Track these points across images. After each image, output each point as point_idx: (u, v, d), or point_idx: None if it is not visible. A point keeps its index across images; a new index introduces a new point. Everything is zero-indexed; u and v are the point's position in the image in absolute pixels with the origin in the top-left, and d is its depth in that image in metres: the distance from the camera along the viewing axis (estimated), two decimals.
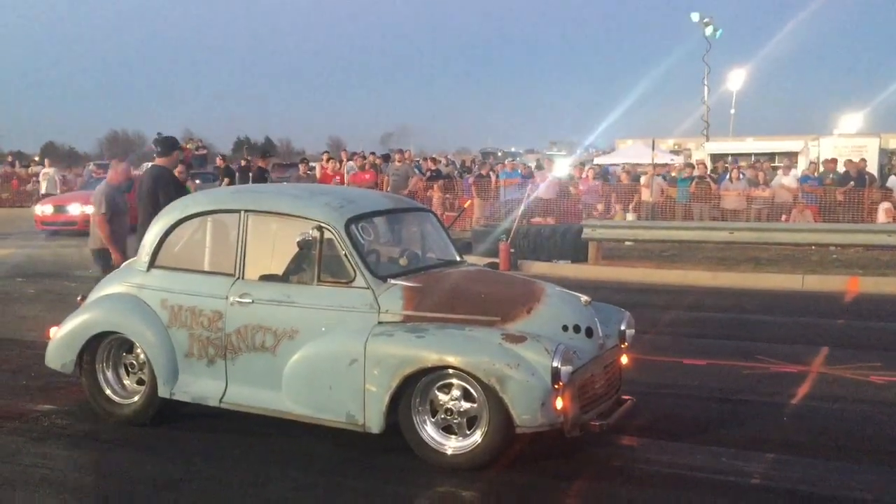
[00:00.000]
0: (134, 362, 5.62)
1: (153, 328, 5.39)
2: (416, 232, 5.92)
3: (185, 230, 5.61)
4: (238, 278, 5.25)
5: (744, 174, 18.00)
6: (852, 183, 16.58)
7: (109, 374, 5.66)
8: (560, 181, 19.43)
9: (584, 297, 5.06)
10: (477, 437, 4.65)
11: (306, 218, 5.15)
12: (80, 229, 19.61)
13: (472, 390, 4.65)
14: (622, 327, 5.28)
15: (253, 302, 5.13)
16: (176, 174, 8.63)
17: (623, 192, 18.68)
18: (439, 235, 5.96)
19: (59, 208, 20.01)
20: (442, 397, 4.73)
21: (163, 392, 5.37)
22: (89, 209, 20.46)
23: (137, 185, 8.13)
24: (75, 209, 20.07)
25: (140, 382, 5.60)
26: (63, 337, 5.71)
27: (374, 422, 4.76)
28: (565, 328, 4.85)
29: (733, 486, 4.53)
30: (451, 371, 4.65)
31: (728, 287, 11.80)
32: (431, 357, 4.64)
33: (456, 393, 4.69)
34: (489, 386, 4.51)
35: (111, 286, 5.80)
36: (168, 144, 8.11)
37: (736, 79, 36.85)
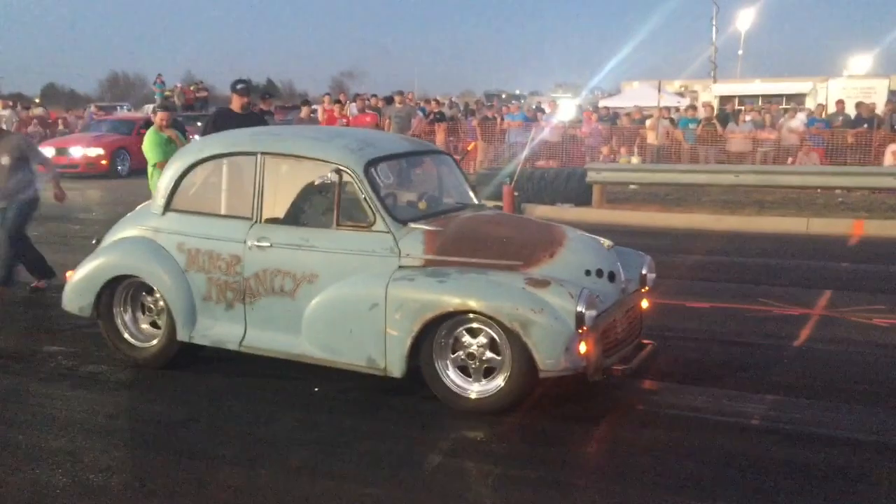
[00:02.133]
0: (151, 306, 5.59)
1: (170, 272, 5.33)
2: (434, 175, 5.81)
3: (200, 173, 5.52)
4: (255, 222, 5.18)
5: (747, 117, 17.81)
6: (866, 125, 16.38)
7: (127, 317, 5.63)
8: (564, 124, 19.24)
9: (606, 241, 5.01)
10: (500, 381, 4.62)
11: (324, 161, 5.05)
12: (82, 171, 19.58)
13: (493, 335, 4.61)
14: (643, 271, 5.23)
15: (271, 246, 5.07)
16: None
17: (628, 134, 18.50)
18: (457, 179, 5.86)
19: (61, 150, 19.90)
20: (466, 340, 4.69)
21: (182, 335, 5.34)
22: (91, 151, 20.48)
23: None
24: (77, 152, 19.97)
25: (157, 325, 5.57)
26: (80, 280, 5.66)
27: (396, 366, 4.74)
28: (588, 272, 4.80)
29: (734, 427, 4.53)
30: (472, 316, 4.60)
31: (732, 230, 11.75)
32: (453, 301, 4.59)
33: (482, 339, 4.65)
34: (512, 330, 4.47)
35: (126, 229, 5.73)
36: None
37: (745, 19, 36.28)
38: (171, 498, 3.82)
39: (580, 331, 4.44)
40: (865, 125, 16.44)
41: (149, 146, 8.58)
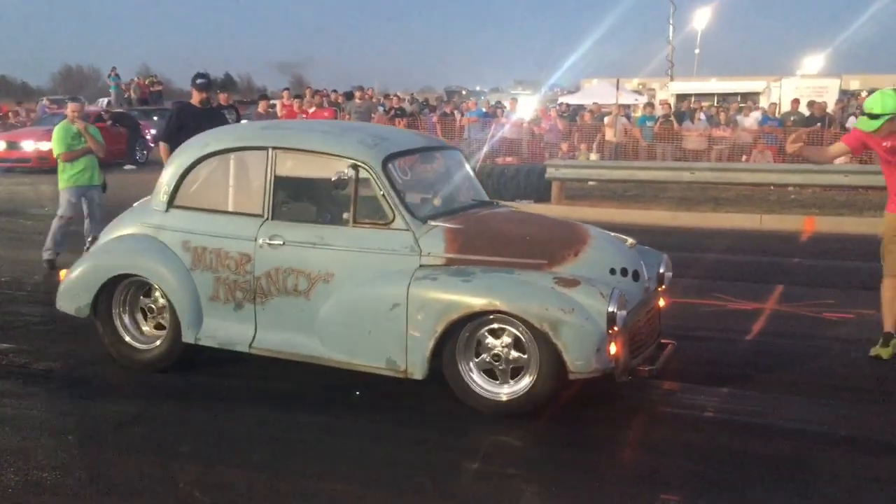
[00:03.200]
0: (152, 306, 5.34)
1: (175, 271, 5.11)
2: (446, 171, 5.64)
3: (205, 169, 5.28)
4: (267, 219, 4.97)
5: (702, 115, 18.10)
6: (818, 124, 16.74)
7: (126, 318, 5.37)
8: (524, 121, 19.36)
9: (629, 240, 4.92)
10: (525, 383, 4.49)
11: (340, 156, 4.86)
12: (34, 166, 19.15)
13: (520, 336, 4.47)
14: (661, 270, 5.12)
15: (284, 244, 4.87)
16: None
17: (587, 131, 18.68)
18: (468, 175, 5.69)
19: (12, 144, 19.42)
20: (490, 341, 4.55)
21: (187, 337, 5.11)
22: (44, 145, 20.04)
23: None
24: (29, 146, 19.52)
25: (159, 327, 5.34)
26: (77, 279, 5.38)
27: (417, 367, 4.58)
28: (613, 271, 4.69)
29: (689, 419, 4.59)
30: (499, 316, 4.46)
31: (688, 226, 11.93)
32: (479, 301, 4.45)
33: (506, 339, 4.51)
34: (541, 331, 4.34)
35: (125, 227, 5.48)
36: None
37: (701, 18, 36.80)
38: (128, 495, 3.73)
39: (610, 331, 4.32)
40: (818, 124, 16.80)
41: (54, 138, 8.44)
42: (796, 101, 18.80)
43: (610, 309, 4.32)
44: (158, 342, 5.31)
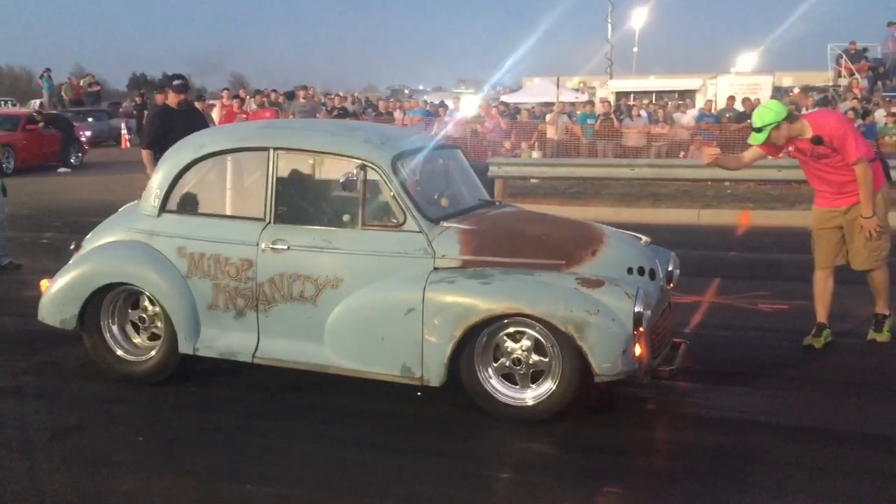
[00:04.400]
0: (143, 316, 5.05)
1: (170, 278, 4.83)
2: (447, 171, 5.45)
3: (200, 171, 5.01)
4: (269, 223, 4.73)
5: (643, 112, 18.42)
6: (749, 121, 17.17)
7: (115, 329, 5.07)
8: (467, 119, 19.43)
9: (644, 238, 4.85)
10: (546, 388, 4.35)
11: (347, 156, 4.66)
12: None
13: (541, 338, 4.33)
14: (670, 268, 5.04)
15: (289, 248, 4.64)
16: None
17: (529, 129, 18.84)
18: (470, 174, 5.52)
19: None
20: (509, 345, 4.40)
21: (184, 348, 4.84)
22: None
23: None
24: None
25: (153, 338, 5.05)
26: (62, 290, 5.06)
27: (434, 374, 4.39)
28: (630, 271, 4.57)
29: (628, 412, 4.65)
30: (518, 319, 4.32)
31: (629, 222, 12.00)
32: (501, 305, 4.28)
33: (526, 343, 4.37)
34: (566, 334, 4.19)
35: (112, 233, 5.18)
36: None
37: (638, 17, 37.40)
38: None
39: (636, 332, 4.21)
40: (749, 121, 17.23)
41: None
42: (732, 98, 19.21)
43: (636, 309, 4.21)
44: (152, 353, 5.03)
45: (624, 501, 3.74)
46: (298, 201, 4.87)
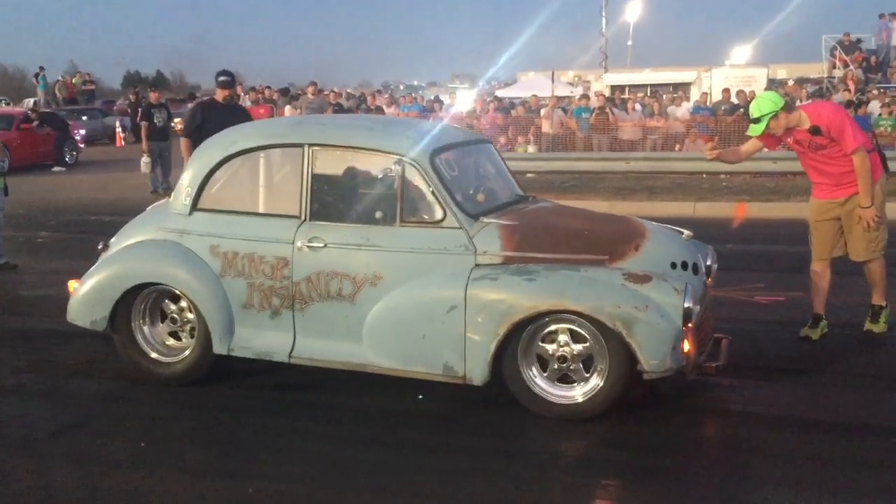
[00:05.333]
0: (176, 317, 4.93)
1: (203, 278, 4.72)
2: (483, 165, 5.36)
3: (232, 168, 4.90)
4: (304, 220, 4.63)
5: (639, 105, 18.43)
6: (741, 110, 17.20)
7: (147, 330, 4.96)
8: (462, 114, 19.42)
9: (685, 232, 4.78)
10: (593, 385, 4.27)
11: (385, 152, 4.57)
12: None
13: (586, 335, 4.24)
14: (708, 262, 4.93)
15: (325, 246, 4.54)
16: None
17: (525, 124, 18.84)
18: (501, 169, 5.42)
19: None
20: (554, 343, 4.31)
21: (219, 348, 4.72)
22: None
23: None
24: None
25: (183, 338, 4.96)
26: (92, 291, 4.92)
27: (477, 373, 4.30)
28: (674, 265, 4.49)
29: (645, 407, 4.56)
30: (562, 315, 4.23)
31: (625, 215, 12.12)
32: (547, 301, 4.19)
33: (570, 340, 4.28)
34: (613, 331, 4.11)
35: (142, 233, 5.05)
36: None
37: (633, 10, 37.41)
38: None
39: (684, 328, 4.13)
40: (741, 110, 17.26)
41: None
42: (727, 91, 19.16)
43: (686, 304, 4.13)
44: (186, 354, 4.92)
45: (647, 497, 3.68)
46: (334, 198, 4.76)
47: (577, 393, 4.31)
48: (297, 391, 4.88)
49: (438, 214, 4.47)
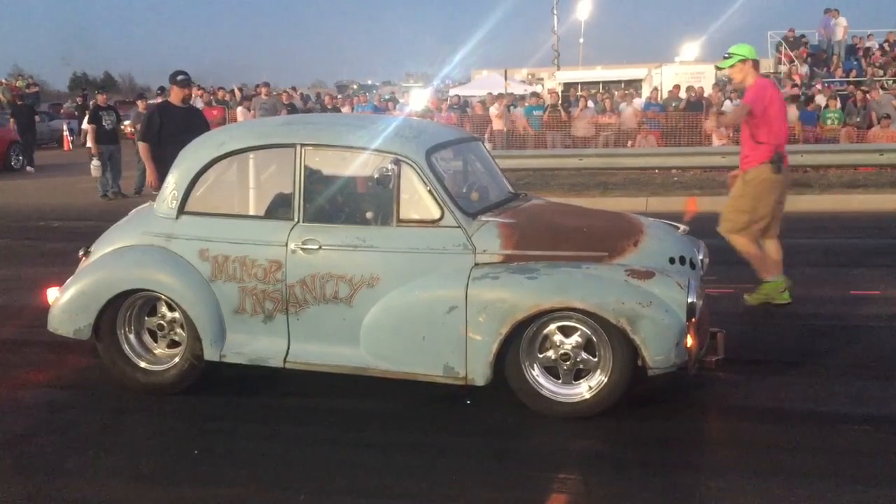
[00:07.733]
0: (162, 323, 4.76)
1: (193, 283, 4.56)
2: (473, 164, 5.27)
3: (220, 170, 4.75)
4: (297, 222, 4.49)
5: (591, 102, 18.60)
6: (696, 107, 17.47)
7: (133, 339, 4.79)
8: (417, 113, 19.39)
9: (681, 227, 4.76)
10: (596, 382, 4.23)
11: (379, 150, 4.45)
12: None
13: (589, 332, 4.20)
14: (700, 256, 4.90)
15: (320, 248, 4.42)
16: None
17: (478, 122, 18.88)
18: (492, 167, 5.35)
19: None
20: (557, 340, 4.27)
21: (210, 355, 4.57)
22: None
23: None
24: None
25: (172, 346, 4.79)
26: (74, 299, 4.73)
27: (479, 373, 4.22)
28: (672, 260, 4.47)
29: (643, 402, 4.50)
30: (564, 313, 4.18)
31: None
32: (550, 299, 4.13)
33: (574, 338, 4.24)
34: (617, 327, 4.06)
35: (126, 238, 4.86)
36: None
37: (584, 8, 37.72)
38: None
39: (688, 323, 4.10)
40: (695, 107, 17.56)
41: None
42: (677, 87, 19.46)
43: (690, 299, 4.09)
44: (176, 360, 4.75)
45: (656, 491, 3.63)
46: (328, 199, 4.63)
47: (582, 390, 4.27)
48: (251, 395, 4.79)
49: (436, 214, 4.38)
